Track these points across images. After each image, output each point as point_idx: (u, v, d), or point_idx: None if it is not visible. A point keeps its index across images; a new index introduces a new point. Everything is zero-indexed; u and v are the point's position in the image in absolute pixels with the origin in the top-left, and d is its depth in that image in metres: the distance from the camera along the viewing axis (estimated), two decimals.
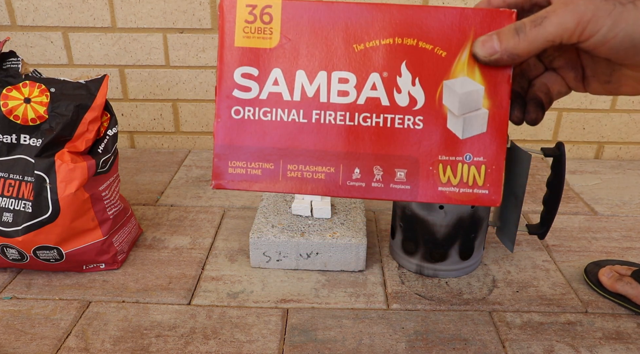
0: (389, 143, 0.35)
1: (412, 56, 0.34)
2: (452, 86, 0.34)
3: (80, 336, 0.61)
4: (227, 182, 0.36)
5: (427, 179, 0.35)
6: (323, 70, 0.35)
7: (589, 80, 0.36)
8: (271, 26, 0.34)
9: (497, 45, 0.32)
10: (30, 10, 1.03)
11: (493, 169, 0.35)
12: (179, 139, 1.16)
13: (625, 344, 0.60)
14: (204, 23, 1.04)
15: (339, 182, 0.35)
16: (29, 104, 0.66)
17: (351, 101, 0.35)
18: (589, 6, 0.29)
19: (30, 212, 0.65)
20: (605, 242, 0.81)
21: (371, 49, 0.34)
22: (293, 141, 0.35)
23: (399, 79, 0.34)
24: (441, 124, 0.35)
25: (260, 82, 0.35)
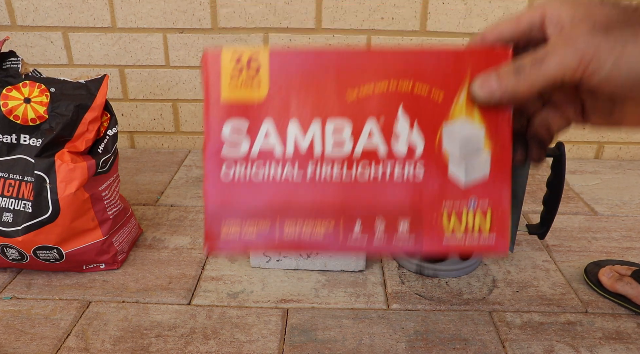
0: (390, 193, 0.33)
1: (408, 100, 0.33)
2: (451, 129, 0.33)
3: (80, 336, 0.61)
4: (221, 245, 0.34)
5: (431, 228, 0.33)
6: (316, 119, 0.33)
7: (589, 114, 0.34)
8: (259, 77, 0.33)
9: (496, 86, 0.31)
10: (30, 10, 1.03)
11: (499, 214, 0.33)
12: (179, 139, 1.16)
13: (625, 344, 0.60)
14: (204, 23, 1.04)
15: (339, 238, 0.33)
16: (29, 104, 0.66)
17: (347, 151, 0.33)
18: (590, 44, 0.28)
19: (30, 212, 0.65)
20: (605, 242, 0.81)
21: (366, 95, 0.33)
22: (288, 198, 0.33)
23: (396, 124, 0.33)
24: (442, 170, 0.33)
25: (251, 137, 0.33)
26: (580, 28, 0.29)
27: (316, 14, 1.03)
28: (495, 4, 1.01)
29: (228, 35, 1.05)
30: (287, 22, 1.04)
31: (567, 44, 0.29)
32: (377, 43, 1.05)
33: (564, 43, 0.29)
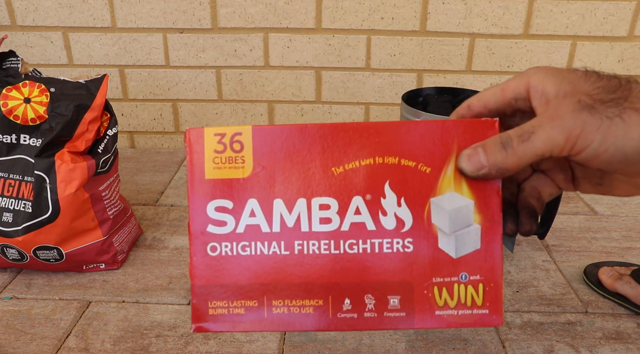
0: (379, 269, 0.33)
1: (395, 175, 0.32)
2: (439, 203, 0.32)
3: (80, 336, 0.61)
4: (208, 325, 0.33)
5: (422, 304, 0.33)
6: (302, 197, 0.32)
7: (579, 182, 0.35)
8: (243, 155, 0.33)
9: (484, 160, 0.31)
10: (30, 10, 1.03)
11: (491, 287, 0.33)
12: (179, 139, 1.16)
13: (625, 344, 0.60)
14: (204, 23, 1.04)
15: (329, 315, 0.33)
16: (28, 104, 0.66)
17: (335, 228, 0.33)
18: (577, 121, 0.28)
19: (30, 212, 0.65)
20: (605, 242, 0.81)
21: (351, 171, 0.32)
22: (276, 275, 0.33)
23: (383, 200, 0.33)
24: (432, 244, 0.33)
25: (236, 215, 0.33)
26: (566, 105, 0.29)
27: (316, 14, 1.03)
28: (495, 3, 1.01)
29: (228, 35, 1.05)
30: (287, 22, 1.04)
31: (553, 121, 0.29)
32: (377, 43, 1.05)
33: (550, 120, 0.29)
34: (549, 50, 1.04)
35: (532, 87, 0.31)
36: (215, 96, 1.11)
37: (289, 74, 1.09)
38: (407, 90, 1.04)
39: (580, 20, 1.02)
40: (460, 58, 1.06)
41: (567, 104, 0.29)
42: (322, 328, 0.33)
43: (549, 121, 0.29)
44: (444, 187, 0.32)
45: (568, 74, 0.30)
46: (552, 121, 0.29)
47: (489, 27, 1.03)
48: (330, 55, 1.06)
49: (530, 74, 0.31)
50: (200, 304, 0.33)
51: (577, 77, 0.30)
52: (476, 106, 0.33)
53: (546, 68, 0.31)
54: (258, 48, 1.06)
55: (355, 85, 1.09)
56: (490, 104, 0.33)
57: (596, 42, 1.04)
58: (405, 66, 1.07)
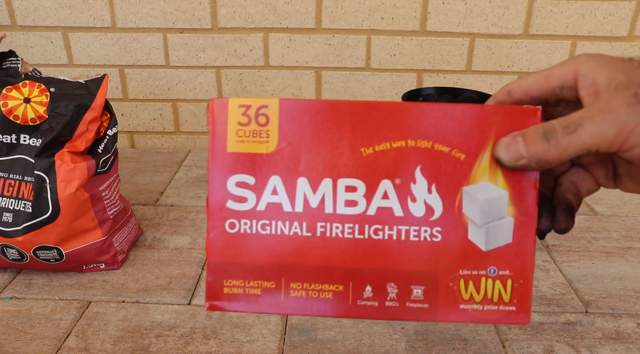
0: (404, 258, 0.31)
1: (427, 160, 0.31)
2: (472, 193, 0.31)
3: (80, 336, 0.61)
4: (223, 304, 0.32)
5: (447, 296, 0.31)
6: (328, 177, 0.31)
7: (621, 179, 0.33)
8: (268, 129, 0.31)
9: (523, 150, 0.28)
10: (30, 10, 1.03)
11: (520, 284, 0.31)
12: (179, 139, 1.16)
13: (625, 344, 0.60)
14: (204, 23, 1.04)
15: (348, 301, 0.32)
16: (28, 104, 0.66)
17: (360, 211, 0.31)
18: (631, 116, 0.26)
19: (30, 212, 0.65)
20: (605, 242, 0.81)
21: (381, 153, 0.31)
22: (296, 257, 0.31)
23: (413, 186, 0.31)
24: (461, 235, 0.31)
25: (257, 192, 0.31)
26: (619, 97, 0.27)
27: (316, 14, 1.03)
28: (495, 3, 1.01)
29: (228, 35, 1.05)
30: (287, 22, 1.04)
31: (605, 114, 0.27)
32: (377, 43, 1.05)
33: (601, 112, 0.27)
34: (549, 50, 1.04)
35: (580, 75, 0.29)
36: (215, 95, 1.11)
37: (289, 74, 1.09)
38: (407, 90, 1.04)
39: (580, 20, 1.02)
40: (460, 58, 1.06)
41: (621, 96, 0.27)
42: (341, 314, 0.32)
43: (599, 113, 0.27)
44: (478, 176, 0.31)
45: (622, 63, 0.28)
46: (603, 114, 0.27)
47: (489, 27, 1.03)
48: (330, 55, 1.06)
49: (580, 61, 0.29)
50: (216, 282, 0.32)
51: (633, 67, 0.28)
52: (517, 92, 0.31)
53: (598, 55, 0.29)
54: (258, 48, 1.06)
55: (355, 85, 1.09)
56: (533, 91, 0.31)
57: (596, 42, 1.04)
58: (405, 66, 1.07)
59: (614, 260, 0.76)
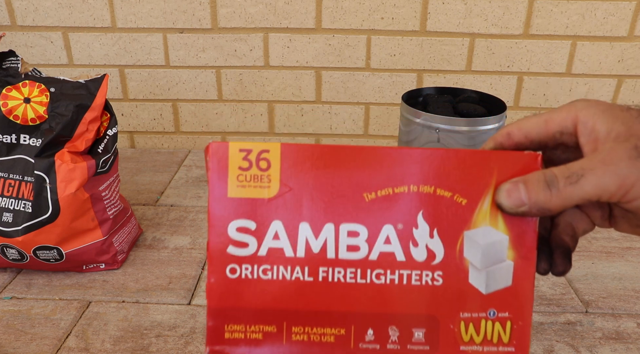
0: (406, 301, 0.31)
1: (429, 205, 0.31)
2: (473, 237, 0.31)
3: (80, 336, 0.61)
4: (224, 348, 0.32)
5: (447, 338, 0.32)
6: (330, 222, 0.31)
7: (617, 221, 0.33)
8: (269, 173, 0.31)
9: (524, 197, 0.29)
10: (30, 11, 1.03)
11: (519, 325, 0.32)
12: (179, 139, 1.16)
13: (625, 344, 0.60)
14: (204, 23, 1.04)
15: (350, 345, 0.32)
16: (28, 104, 0.66)
17: (362, 256, 0.31)
18: (632, 169, 0.27)
19: (30, 212, 0.65)
20: (605, 242, 0.81)
21: (384, 198, 0.31)
22: (297, 301, 0.31)
23: (415, 231, 0.31)
24: (462, 278, 0.31)
25: (259, 237, 0.31)
26: (620, 149, 0.27)
27: (316, 14, 1.03)
28: (495, 4, 1.01)
29: (228, 35, 1.05)
30: (287, 22, 1.04)
31: (606, 167, 0.27)
32: (377, 43, 1.05)
33: (603, 164, 0.27)
34: (549, 50, 1.04)
35: (580, 123, 0.29)
36: (215, 95, 1.11)
37: (289, 74, 1.09)
38: (407, 90, 1.04)
39: (580, 20, 1.02)
40: (460, 58, 1.06)
41: (622, 148, 0.27)
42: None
43: (600, 165, 0.27)
44: (479, 221, 0.31)
45: (621, 113, 0.29)
46: (604, 166, 0.27)
47: (488, 27, 1.03)
48: (330, 55, 1.06)
49: (579, 108, 0.30)
50: (217, 327, 0.32)
51: (632, 117, 0.28)
52: (516, 134, 0.32)
53: (597, 102, 0.30)
54: (258, 48, 1.06)
55: (355, 85, 1.09)
56: (532, 135, 0.31)
57: (596, 42, 1.04)
58: (405, 66, 1.07)
59: (614, 260, 0.76)
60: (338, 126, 1.13)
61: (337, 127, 1.13)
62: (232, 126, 1.14)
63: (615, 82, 1.07)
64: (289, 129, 1.14)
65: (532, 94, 1.09)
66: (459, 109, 0.72)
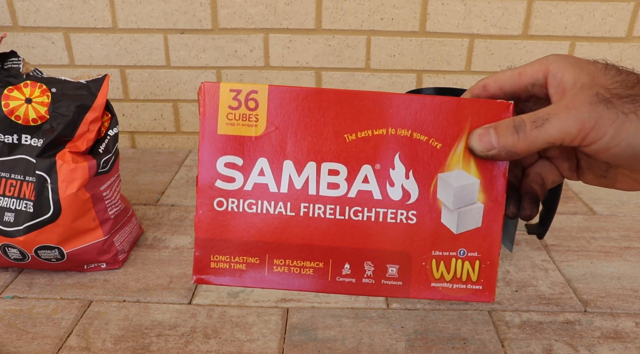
0: (381, 238, 0.33)
1: (406, 148, 0.33)
2: (446, 179, 0.33)
3: (82, 335, 0.61)
4: (209, 277, 0.34)
5: (419, 275, 0.34)
6: (312, 161, 0.33)
7: (583, 172, 0.35)
8: (257, 113, 0.33)
9: (494, 141, 0.31)
10: (32, 11, 1.04)
11: (487, 265, 0.34)
12: (180, 139, 1.16)
13: (624, 343, 0.61)
14: (205, 24, 1.04)
15: (328, 278, 0.34)
16: (30, 104, 0.66)
17: (342, 194, 0.33)
18: (592, 113, 0.28)
19: (31, 212, 0.65)
20: (604, 242, 0.81)
21: (363, 140, 0.33)
22: (280, 235, 0.33)
23: (392, 171, 0.33)
24: (435, 218, 0.33)
25: (245, 173, 0.33)
26: (583, 96, 0.29)
27: (316, 14, 1.03)
28: (495, 4, 1.01)
29: (228, 36, 1.05)
30: (287, 22, 1.04)
31: (569, 111, 0.29)
32: (376, 44, 1.05)
33: (566, 109, 0.29)
34: (548, 51, 1.05)
35: (550, 74, 0.31)
36: None
37: (289, 75, 1.09)
38: (406, 90, 1.04)
39: (579, 21, 1.02)
40: (460, 58, 1.06)
41: (584, 95, 0.29)
42: (321, 289, 0.34)
43: (564, 110, 0.29)
44: (453, 164, 0.33)
45: (588, 65, 0.31)
46: (567, 111, 0.29)
47: (488, 27, 1.03)
48: (330, 55, 1.07)
49: (550, 61, 0.32)
50: (203, 257, 0.34)
51: (597, 69, 0.30)
52: (492, 86, 0.34)
53: (566, 56, 0.31)
54: (258, 49, 1.07)
55: (355, 86, 1.09)
56: (506, 87, 0.33)
57: (595, 43, 1.04)
58: (404, 67, 1.07)
59: (613, 260, 0.76)
60: None
61: None
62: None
63: None
64: None
65: None
66: None
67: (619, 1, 1.00)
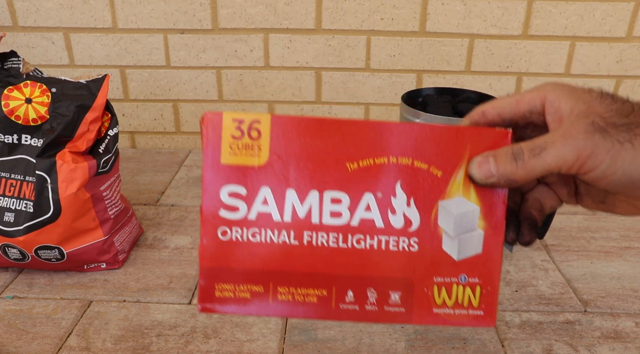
0: (384, 265, 0.34)
1: (407, 176, 0.33)
2: (447, 207, 0.33)
3: (82, 335, 0.61)
4: (214, 306, 0.35)
5: (421, 301, 0.34)
6: (314, 189, 0.33)
7: (582, 197, 0.35)
8: (259, 143, 0.33)
9: (494, 169, 0.31)
10: (32, 11, 1.04)
11: (488, 291, 0.34)
12: (180, 139, 1.16)
13: (624, 343, 0.61)
14: (205, 24, 1.04)
15: (331, 305, 0.34)
16: (30, 104, 0.66)
17: (344, 222, 0.33)
18: (588, 142, 0.29)
19: (31, 212, 0.65)
20: (604, 241, 0.81)
21: (365, 169, 0.33)
22: (283, 263, 0.33)
23: (393, 199, 0.33)
24: (436, 245, 0.34)
25: (249, 202, 0.33)
26: (579, 125, 0.30)
27: (316, 14, 1.03)
28: (495, 4, 1.01)
29: (228, 36, 1.05)
30: (287, 22, 1.04)
31: (566, 140, 0.29)
32: (376, 44, 1.05)
33: (563, 138, 0.30)
34: (548, 51, 1.05)
35: (547, 103, 0.32)
36: (216, 96, 1.11)
37: (289, 75, 1.09)
38: (406, 90, 1.04)
39: (579, 21, 1.02)
40: (460, 58, 1.06)
41: (580, 124, 0.30)
42: (324, 317, 0.34)
43: (561, 138, 0.30)
44: (453, 192, 0.33)
45: (584, 94, 0.31)
46: (564, 139, 0.30)
47: (488, 27, 1.03)
48: (330, 55, 1.07)
49: (548, 90, 0.32)
50: (208, 286, 0.35)
51: (592, 98, 0.31)
52: (490, 113, 0.34)
53: (563, 85, 0.32)
54: (258, 49, 1.07)
55: (355, 86, 1.09)
56: (505, 114, 0.34)
57: (595, 43, 1.04)
58: (404, 67, 1.07)
59: (613, 260, 0.76)
60: None
61: None
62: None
63: (614, 82, 1.07)
64: None
65: None
66: (458, 110, 0.72)
67: (619, 1, 1.00)
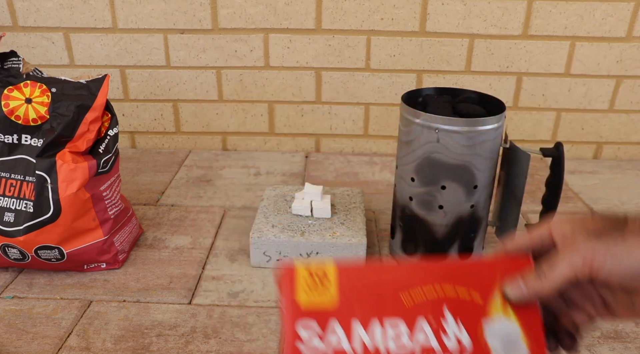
0: None
1: (451, 301, 0.39)
2: (492, 326, 0.39)
3: (82, 335, 0.61)
4: None
5: None
6: (375, 318, 0.39)
7: (613, 309, 0.40)
8: (329, 286, 0.40)
9: (524, 288, 0.38)
10: (32, 11, 1.04)
11: None
12: (180, 139, 1.16)
13: (624, 343, 0.61)
14: (205, 24, 1.04)
15: None
16: (30, 104, 0.66)
17: (408, 348, 0.38)
18: (588, 247, 0.36)
19: (31, 212, 0.65)
20: None
21: (415, 297, 0.39)
22: None
23: (443, 322, 0.39)
24: None
25: (323, 337, 0.38)
26: (579, 237, 0.38)
27: (316, 14, 1.03)
28: (495, 4, 1.01)
29: (228, 36, 1.05)
30: (287, 22, 1.04)
31: (572, 251, 0.37)
32: (376, 44, 1.05)
33: (569, 250, 0.37)
34: (548, 51, 1.05)
35: (553, 230, 0.40)
36: (216, 96, 1.12)
37: (289, 75, 1.09)
38: (406, 90, 1.04)
39: (579, 21, 1.02)
40: (460, 58, 1.06)
41: (580, 236, 0.38)
42: None
43: (568, 250, 0.37)
44: (494, 312, 0.39)
45: (579, 218, 0.40)
46: (570, 250, 0.37)
47: (488, 27, 1.03)
48: (330, 55, 1.07)
49: (552, 222, 0.41)
50: None
51: (585, 218, 0.39)
52: (510, 247, 0.42)
53: (562, 218, 0.41)
54: (258, 49, 1.07)
55: (355, 86, 1.09)
56: (522, 246, 0.42)
57: (595, 43, 1.04)
58: (404, 67, 1.07)
59: None
60: (338, 126, 1.14)
61: (337, 127, 1.14)
62: (233, 126, 1.14)
63: (614, 82, 1.07)
64: (289, 129, 1.14)
65: (531, 94, 1.09)
66: (458, 110, 0.72)
67: (619, 1, 1.00)
